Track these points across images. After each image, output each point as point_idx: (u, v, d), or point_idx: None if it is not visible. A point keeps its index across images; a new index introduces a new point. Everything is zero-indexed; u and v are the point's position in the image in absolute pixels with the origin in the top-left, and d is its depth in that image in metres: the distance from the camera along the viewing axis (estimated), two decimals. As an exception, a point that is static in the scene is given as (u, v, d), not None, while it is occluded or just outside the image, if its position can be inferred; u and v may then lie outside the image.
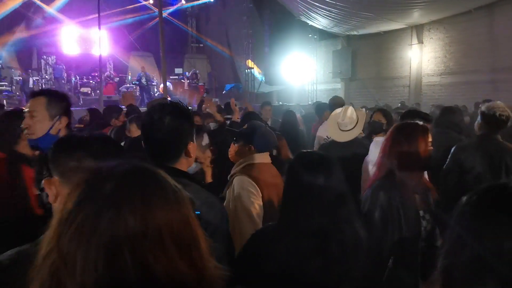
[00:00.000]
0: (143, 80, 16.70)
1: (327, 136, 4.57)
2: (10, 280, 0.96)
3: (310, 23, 16.80)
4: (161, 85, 16.14)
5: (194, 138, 1.66)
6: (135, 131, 3.84)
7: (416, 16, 13.70)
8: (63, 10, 17.80)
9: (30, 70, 15.96)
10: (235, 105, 4.92)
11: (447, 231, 0.86)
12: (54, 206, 1.14)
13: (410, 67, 15.46)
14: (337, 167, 1.69)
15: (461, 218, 0.82)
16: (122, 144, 3.41)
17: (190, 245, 0.70)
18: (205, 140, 2.74)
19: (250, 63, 17.46)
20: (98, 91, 15.46)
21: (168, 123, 1.55)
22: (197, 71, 18.42)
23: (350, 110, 3.63)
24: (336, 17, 14.39)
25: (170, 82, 17.29)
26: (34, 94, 2.07)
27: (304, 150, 1.84)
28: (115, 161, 0.73)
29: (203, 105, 6.49)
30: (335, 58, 18.30)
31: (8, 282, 0.96)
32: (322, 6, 13.53)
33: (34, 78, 15.14)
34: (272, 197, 2.32)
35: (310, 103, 17.93)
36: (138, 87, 17.18)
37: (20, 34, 17.25)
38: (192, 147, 1.63)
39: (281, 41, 17.54)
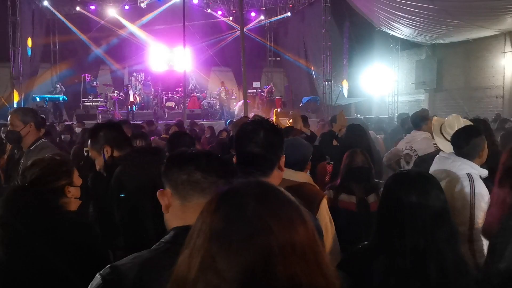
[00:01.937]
0: (223, 95, 17.33)
1: (407, 148, 4.37)
2: (131, 285, 1.04)
3: (392, 33, 16.31)
4: (240, 102, 16.67)
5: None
6: None
7: (510, 22, 12.68)
8: (150, 30, 19.15)
9: (128, 85, 17.25)
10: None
11: None
12: (166, 215, 1.23)
13: (504, 76, 14.28)
14: (436, 185, 1.62)
15: None
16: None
17: (319, 258, 0.75)
18: None
19: (345, 83, 17.52)
20: (181, 105, 16.33)
21: (262, 137, 1.62)
22: (272, 86, 18.71)
23: (463, 120, 3.40)
24: (420, 25, 13.82)
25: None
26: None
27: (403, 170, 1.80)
28: (243, 178, 0.79)
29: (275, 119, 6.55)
30: (419, 68, 17.52)
31: (128, 286, 1.05)
32: (405, 15, 13.09)
33: (132, 93, 16.29)
34: None
35: (390, 115, 17.30)
36: (218, 101, 17.87)
37: (113, 54, 18.88)
38: (283, 160, 1.68)
39: (360, 52, 17.21)
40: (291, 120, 5.42)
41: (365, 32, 16.99)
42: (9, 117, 3.18)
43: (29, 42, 15.68)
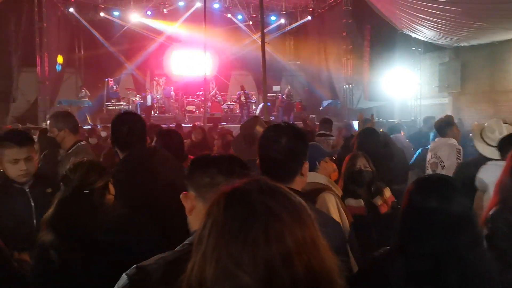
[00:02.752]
0: (242, 98, 17.40)
1: (432, 156, 4.29)
2: (155, 285, 1.08)
3: (414, 35, 16.07)
4: (260, 105, 16.71)
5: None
6: None
7: (537, 24, 12.32)
8: (172, 35, 19.41)
9: (147, 90, 17.53)
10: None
11: None
12: (189, 217, 1.26)
13: (532, 79, 13.90)
14: (458, 191, 1.60)
15: None
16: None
17: (324, 245, 0.82)
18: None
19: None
20: (202, 109, 16.48)
21: (285, 144, 1.62)
22: (289, 89, 18.71)
23: (504, 125, 3.36)
24: (444, 28, 13.57)
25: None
26: None
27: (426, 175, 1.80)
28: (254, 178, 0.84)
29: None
30: (442, 71, 17.18)
31: (153, 287, 1.08)
32: (428, 17, 12.88)
33: (150, 97, 16.56)
34: None
35: (412, 119, 17.01)
36: (237, 105, 17.96)
37: (135, 58, 19.24)
38: (306, 166, 1.67)
39: (382, 55, 17.01)
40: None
41: (386, 35, 16.79)
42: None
43: (60, 59, 16.04)
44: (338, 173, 2.85)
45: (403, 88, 17.99)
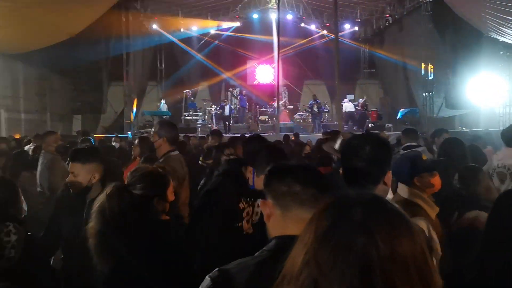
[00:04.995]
0: (315, 108, 17.31)
1: (499, 165, 3.98)
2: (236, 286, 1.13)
3: (502, 39, 14.88)
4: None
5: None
6: None
7: None
8: (245, 46, 20.00)
9: (225, 100, 18.21)
10: None
11: None
12: (268, 224, 1.30)
13: None
14: None
15: None
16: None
17: (424, 274, 0.74)
18: None
19: None
20: (274, 118, 16.68)
21: (368, 153, 1.62)
22: (365, 99, 18.28)
23: None
24: (536, 29, 12.44)
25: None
26: None
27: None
28: (354, 190, 0.84)
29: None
30: (535, 76, 15.71)
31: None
32: (518, 18, 11.89)
33: (228, 107, 17.15)
34: None
35: (501, 127, 15.69)
36: (310, 115, 17.90)
37: (211, 71, 20.09)
38: (389, 176, 1.66)
39: (465, 60, 15.97)
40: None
41: (470, 39, 15.75)
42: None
43: (135, 104, 17.13)
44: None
45: (489, 95, 16.69)
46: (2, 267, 1.91)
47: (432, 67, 16.41)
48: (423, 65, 16.39)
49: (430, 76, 16.27)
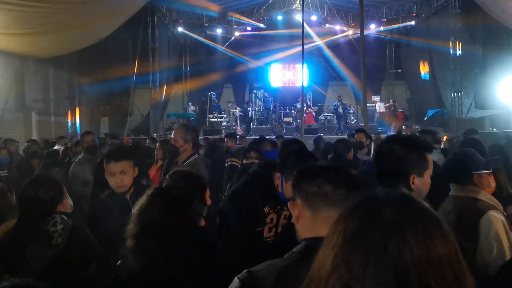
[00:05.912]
0: (340, 109, 17.13)
1: None
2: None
3: (535, 36, 14.37)
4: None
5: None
6: None
7: None
8: (270, 47, 19.99)
9: (248, 102, 18.30)
10: None
11: None
12: (297, 226, 1.28)
13: None
14: None
15: None
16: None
17: (462, 277, 0.72)
18: None
19: None
20: (298, 120, 16.57)
21: (395, 153, 1.61)
22: (391, 103, 17.96)
23: None
24: None
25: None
26: None
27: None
28: (382, 189, 0.80)
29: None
30: None
31: None
32: (553, 15, 11.44)
33: (251, 109, 17.22)
34: None
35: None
36: (335, 116, 17.72)
37: (235, 72, 20.20)
38: (416, 180, 1.62)
39: (496, 59, 15.46)
40: None
41: (501, 38, 15.24)
42: (174, 131, 3.56)
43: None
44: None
45: (522, 95, 16.10)
46: (52, 254, 2.00)
47: (460, 66, 15.98)
48: (451, 65, 15.97)
49: (459, 76, 15.85)
